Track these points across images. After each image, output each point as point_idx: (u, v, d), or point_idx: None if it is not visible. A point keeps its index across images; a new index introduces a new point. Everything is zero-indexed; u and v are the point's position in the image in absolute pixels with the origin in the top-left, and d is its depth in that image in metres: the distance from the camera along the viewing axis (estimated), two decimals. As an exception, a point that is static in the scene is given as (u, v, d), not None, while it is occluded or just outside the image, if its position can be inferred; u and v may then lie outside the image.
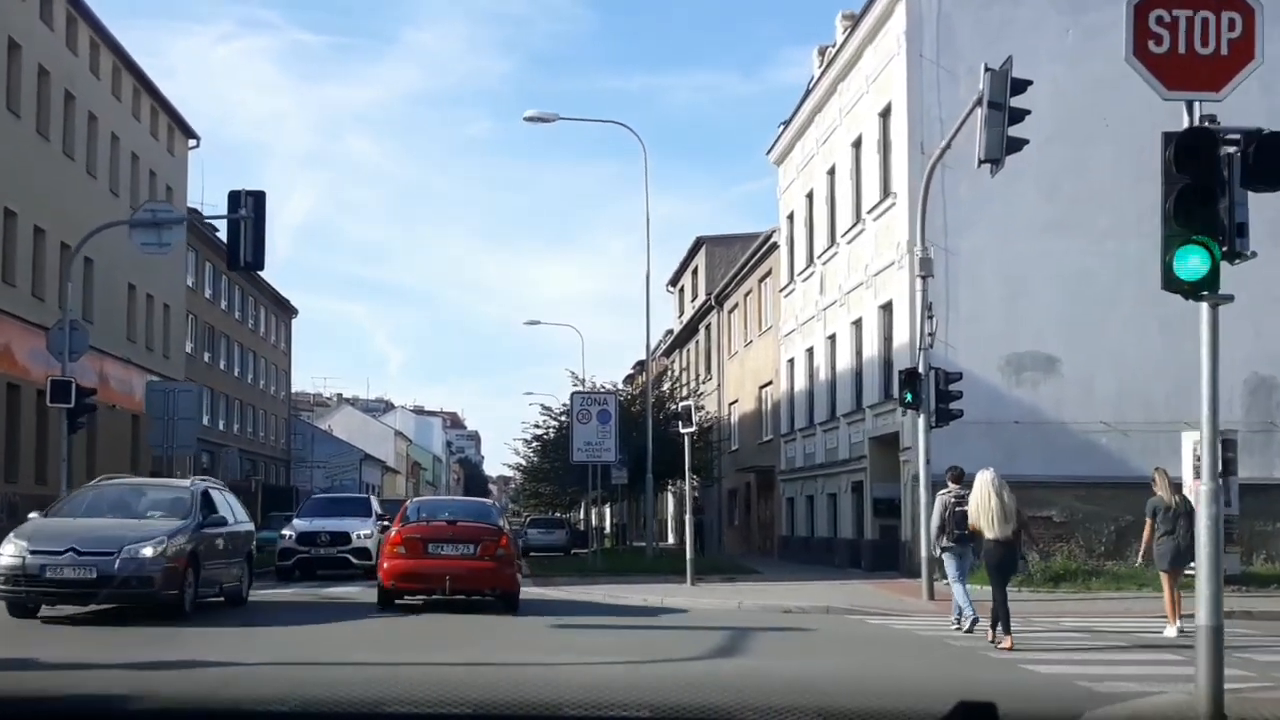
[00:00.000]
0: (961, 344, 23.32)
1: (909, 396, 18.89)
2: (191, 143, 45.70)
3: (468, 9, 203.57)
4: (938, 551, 14.45)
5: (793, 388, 33.64)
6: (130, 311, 38.59)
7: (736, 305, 41.56)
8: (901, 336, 24.29)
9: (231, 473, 38.19)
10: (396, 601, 16.01)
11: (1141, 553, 14.38)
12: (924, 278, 19.19)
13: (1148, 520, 13.90)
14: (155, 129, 41.56)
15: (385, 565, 16.13)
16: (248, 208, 22.00)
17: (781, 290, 34.48)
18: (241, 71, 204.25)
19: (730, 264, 44.99)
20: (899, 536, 25.25)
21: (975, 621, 13.27)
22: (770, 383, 36.23)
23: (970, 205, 23.60)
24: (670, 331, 56.56)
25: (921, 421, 19.00)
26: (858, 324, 27.49)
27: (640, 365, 51.37)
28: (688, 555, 21.62)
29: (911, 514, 23.72)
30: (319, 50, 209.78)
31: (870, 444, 26.30)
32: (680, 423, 21.68)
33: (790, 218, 33.92)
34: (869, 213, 26.32)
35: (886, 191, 25.64)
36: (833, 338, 29.49)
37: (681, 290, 53.01)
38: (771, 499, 36.00)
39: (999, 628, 12.28)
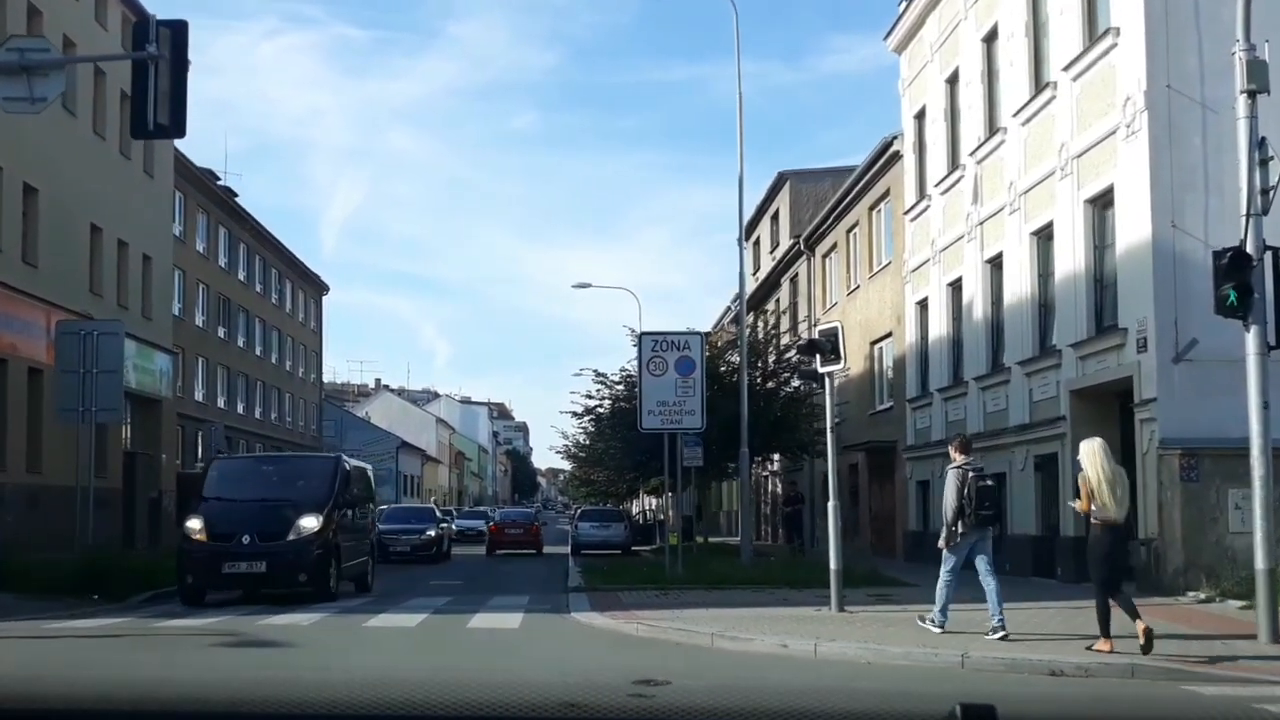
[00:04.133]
0: (1227, 239, 15.47)
1: (1232, 297, 11.04)
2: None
3: (508, 0, 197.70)
4: (948, 542, 11.93)
5: (925, 337, 25.73)
6: (95, 259, 31.28)
7: (835, 246, 33.62)
8: (1134, 235, 16.37)
9: (215, 453, 30.96)
10: (497, 553, 35.46)
11: None
12: (1252, 94, 11.31)
13: None
14: (126, 42, 34.23)
15: (489, 538, 37.84)
16: (159, 44, 14.74)
17: (906, 213, 26.56)
18: (285, 68, 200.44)
19: (820, 203, 37.19)
20: (1129, 534, 17.39)
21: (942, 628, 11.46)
22: (888, 335, 28.35)
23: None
24: (739, 297, 48.67)
25: (1252, 338, 11.17)
26: (1044, 233, 19.56)
27: (705, 338, 43.46)
28: (832, 565, 13.95)
29: (1158, 498, 15.87)
30: (362, 45, 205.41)
31: (1071, 400, 18.39)
32: (818, 358, 13.93)
33: (920, 116, 25.97)
34: (1065, 70, 18.40)
35: (1094, 36, 17.77)
36: (996, 260, 21.56)
37: (757, 243, 45.00)
38: (891, 484, 28.12)
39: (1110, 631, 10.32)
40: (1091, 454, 10.72)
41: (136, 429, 34.33)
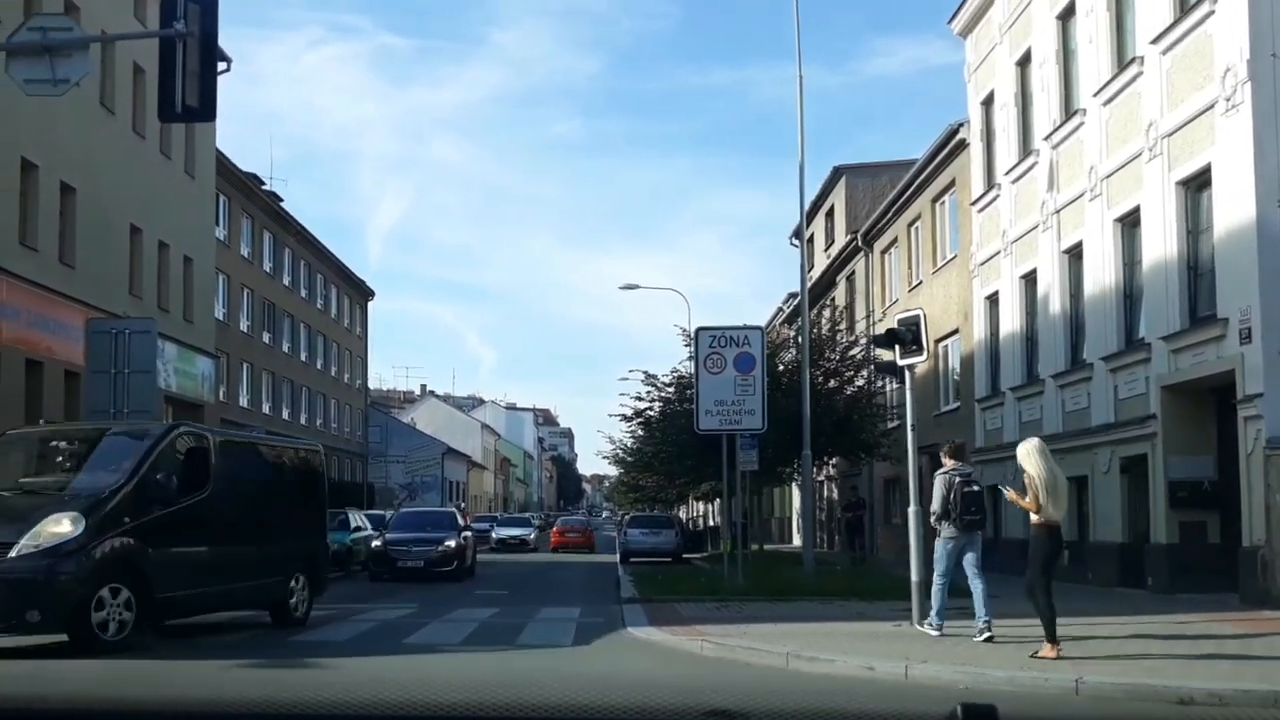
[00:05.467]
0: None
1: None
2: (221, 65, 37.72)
3: (552, 8, 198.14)
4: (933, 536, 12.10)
5: (995, 334, 24.42)
6: (134, 261, 30.55)
7: (895, 241, 32.36)
8: (1235, 217, 15.05)
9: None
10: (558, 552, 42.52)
11: None
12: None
13: None
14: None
15: (553, 540, 46.40)
16: (187, 21, 13.93)
17: (973, 204, 25.27)
18: (330, 77, 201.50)
19: (877, 198, 35.99)
20: (1226, 541, 16.11)
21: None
22: (954, 332, 27.03)
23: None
24: (794, 295, 47.42)
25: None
26: (1130, 219, 18.25)
27: (765, 332, 42.23)
28: (913, 577, 12.73)
29: (1265, 502, 14.54)
30: (406, 53, 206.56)
31: (1163, 397, 17.06)
32: (898, 349, 12.74)
33: (987, 101, 24.68)
34: (1153, 43, 17.11)
35: (1186, 6, 16.47)
36: (1075, 250, 20.25)
37: (811, 240, 43.72)
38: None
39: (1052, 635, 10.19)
40: (1029, 454, 10.68)
41: (178, 434, 33.70)
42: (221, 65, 36.18)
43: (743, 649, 10.88)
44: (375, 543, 26.46)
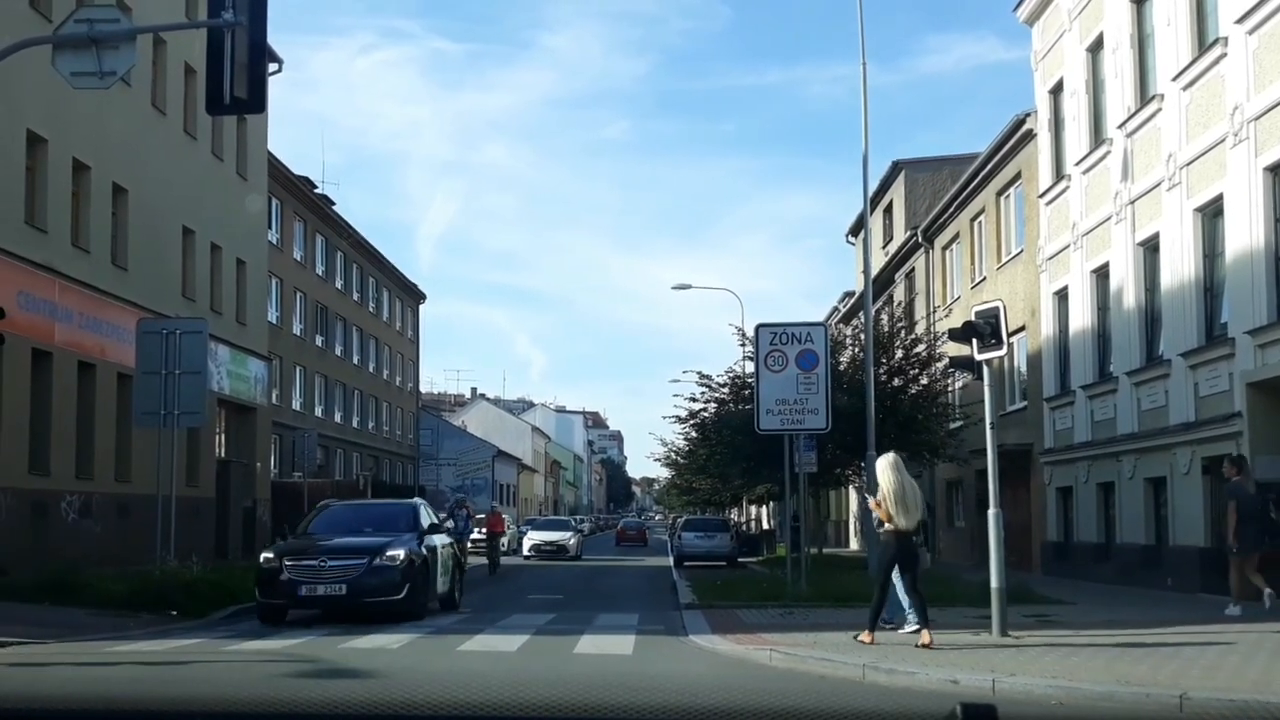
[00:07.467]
0: None
1: None
2: (273, 66, 37.59)
3: (601, 10, 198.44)
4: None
5: (1064, 330, 23.59)
6: (187, 263, 30.39)
7: (957, 236, 31.53)
8: (1332, 203, 14.25)
9: (307, 459, 29.88)
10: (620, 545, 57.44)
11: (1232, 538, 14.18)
12: None
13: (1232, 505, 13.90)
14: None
15: (617, 536, 63.32)
16: (236, 10, 13.55)
17: (1041, 196, 24.44)
18: (381, 82, 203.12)
19: (938, 193, 35.21)
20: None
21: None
22: (1021, 329, 26.15)
23: None
24: (850, 294, 46.69)
25: None
26: (1211, 209, 17.43)
27: (828, 329, 41.37)
28: (993, 583, 12.00)
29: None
30: (457, 58, 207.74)
31: (1248, 394, 16.21)
32: (975, 343, 12.05)
33: (1055, 90, 23.86)
34: (1237, 23, 16.29)
35: (1275, -19, 15.65)
36: (1151, 242, 19.42)
37: (868, 237, 42.91)
38: (1024, 491, 25.95)
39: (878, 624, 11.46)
40: (883, 470, 11.62)
41: (231, 437, 33.54)
42: (272, 65, 35.73)
43: (815, 660, 10.27)
44: (266, 554, 16.11)
